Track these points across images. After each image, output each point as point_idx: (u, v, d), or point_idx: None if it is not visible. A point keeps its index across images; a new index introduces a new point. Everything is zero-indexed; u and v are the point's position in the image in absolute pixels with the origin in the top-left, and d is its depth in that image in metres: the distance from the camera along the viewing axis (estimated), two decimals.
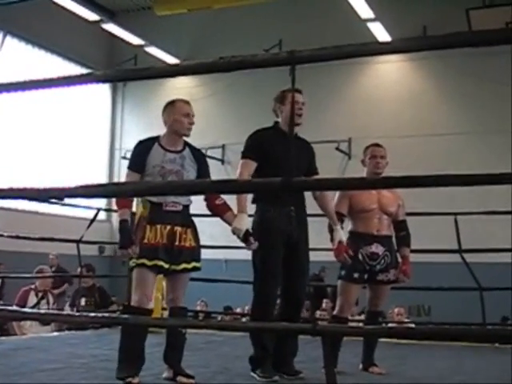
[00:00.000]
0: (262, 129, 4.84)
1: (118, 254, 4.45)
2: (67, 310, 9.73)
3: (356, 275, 4.87)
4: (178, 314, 4.36)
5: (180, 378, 4.26)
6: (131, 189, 2.77)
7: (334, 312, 5.06)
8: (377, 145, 5.11)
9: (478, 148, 13.71)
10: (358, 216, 4.96)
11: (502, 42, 2.11)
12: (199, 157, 4.52)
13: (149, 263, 4.22)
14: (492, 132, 13.56)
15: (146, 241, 4.25)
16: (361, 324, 6.26)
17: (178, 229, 4.28)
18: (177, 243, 4.27)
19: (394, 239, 5.11)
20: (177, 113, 4.36)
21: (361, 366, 5.05)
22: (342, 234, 4.82)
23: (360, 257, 4.87)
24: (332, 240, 4.84)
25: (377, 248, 4.89)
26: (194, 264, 4.35)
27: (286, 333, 4.39)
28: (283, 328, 2.90)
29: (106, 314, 5.73)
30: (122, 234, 4.32)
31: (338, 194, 5.02)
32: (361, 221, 4.94)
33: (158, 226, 4.26)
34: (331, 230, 4.85)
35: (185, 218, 4.35)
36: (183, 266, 4.30)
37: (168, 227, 4.26)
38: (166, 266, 4.26)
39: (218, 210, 4.49)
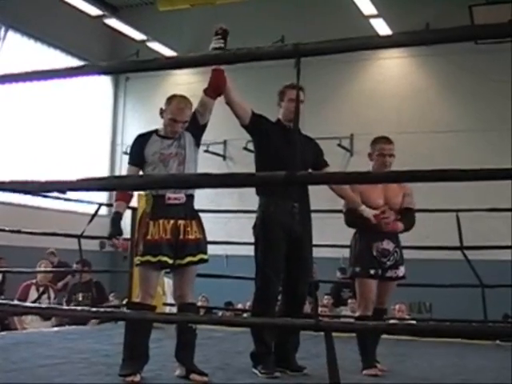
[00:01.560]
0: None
1: (105, 248, 4.47)
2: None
3: (372, 271, 4.80)
4: (187, 310, 4.31)
5: (193, 376, 4.22)
6: (132, 182, 2.75)
7: (358, 313, 4.91)
8: (386, 141, 4.96)
9: (478, 145, 13.68)
10: None
11: (500, 36, 2.08)
12: (189, 126, 4.40)
13: (153, 259, 4.19)
14: (493, 129, 13.53)
15: (149, 237, 4.22)
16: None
17: (182, 222, 4.24)
18: (181, 237, 4.23)
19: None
20: (168, 113, 4.32)
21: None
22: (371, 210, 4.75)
23: (374, 252, 4.80)
24: (361, 218, 4.75)
25: (388, 244, 4.82)
26: (200, 256, 4.30)
27: (289, 329, 4.39)
28: (286, 324, 2.89)
29: (108, 309, 5.72)
30: (111, 224, 4.31)
31: None
32: None
33: (161, 221, 4.22)
34: (351, 213, 4.79)
35: (188, 210, 4.31)
36: (188, 259, 4.25)
37: (171, 221, 4.23)
38: (171, 261, 4.22)
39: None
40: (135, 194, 4.60)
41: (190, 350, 4.34)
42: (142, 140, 4.40)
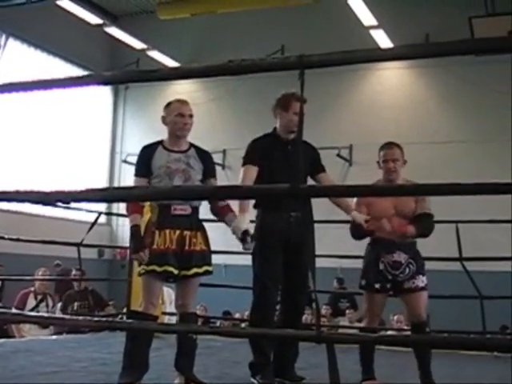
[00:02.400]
0: (260, 137, 4.87)
1: (133, 257, 4.46)
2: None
3: (378, 286, 4.60)
4: (188, 319, 4.32)
5: None
6: (138, 193, 2.75)
7: (363, 324, 4.81)
8: (388, 146, 4.76)
9: (478, 156, 13.71)
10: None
11: (502, 50, 2.08)
12: (205, 157, 4.46)
13: (159, 269, 4.18)
14: (492, 140, 13.56)
15: (155, 246, 4.21)
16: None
17: (188, 233, 4.25)
18: (187, 248, 4.24)
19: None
20: (171, 114, 4.36)
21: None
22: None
23: (381, 266, 4.59)
24: (356, 225, 4.61)
25: (399, 256, 4.57)
26: (205, 268, 4.31)
27: (290, 339, 4.37)
28: (288, 335, 2.89)
29: (110, 319, 5.73)
30: (134, 239, 4.31)
31: (354, 202, 4.73)
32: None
33: (167, 231, 4.22)
34: (355, 227, 4.63)
35: (194, 222, 4.32)
36: (194, 270, 4.25)
37: (177, 232, 4.23)
38: (176, 271, 4.21)
39: (221, 212, 4.43)
40: None
41: (189, 360, 4.34)
42: (148, 151, 4.39)
